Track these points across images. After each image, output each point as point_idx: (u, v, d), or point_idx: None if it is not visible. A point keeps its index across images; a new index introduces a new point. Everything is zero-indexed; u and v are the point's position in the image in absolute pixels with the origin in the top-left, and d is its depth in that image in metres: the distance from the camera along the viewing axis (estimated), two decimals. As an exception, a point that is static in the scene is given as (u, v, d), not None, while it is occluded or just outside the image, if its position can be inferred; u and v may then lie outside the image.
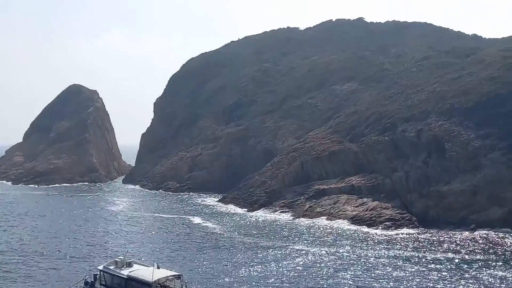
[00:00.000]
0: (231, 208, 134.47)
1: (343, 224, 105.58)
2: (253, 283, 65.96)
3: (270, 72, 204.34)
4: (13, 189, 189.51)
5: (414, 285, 63.91)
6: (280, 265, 75.12)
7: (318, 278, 67.80)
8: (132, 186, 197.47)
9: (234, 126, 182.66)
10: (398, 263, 74.94)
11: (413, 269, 71.26)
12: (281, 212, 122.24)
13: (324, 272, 70.65)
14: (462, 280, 65.55)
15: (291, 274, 69.85)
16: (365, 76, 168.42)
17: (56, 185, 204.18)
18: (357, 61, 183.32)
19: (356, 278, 67.30)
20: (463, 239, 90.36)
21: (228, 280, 67.83)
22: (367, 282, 65.54)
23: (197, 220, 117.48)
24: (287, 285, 65.12)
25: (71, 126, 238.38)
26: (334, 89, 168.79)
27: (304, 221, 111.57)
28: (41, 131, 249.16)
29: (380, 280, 66.27)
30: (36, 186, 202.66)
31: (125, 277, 53.28)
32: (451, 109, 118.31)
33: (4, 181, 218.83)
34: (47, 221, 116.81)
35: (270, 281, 66.99)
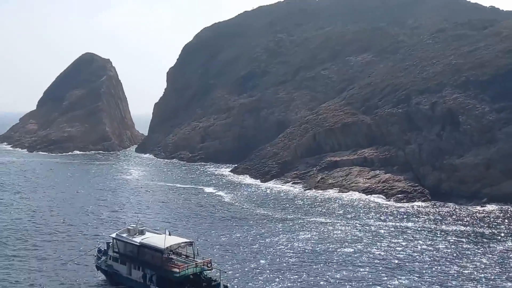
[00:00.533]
0: (243, 178, 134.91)
1: (355, 196, 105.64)
2: (263, 252, 66.46)
3: (283, 43, 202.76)
4: (28, 157, 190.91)
5: (425, 257, 64.06)
6: (290, 235, 75.51)
7: (329, 250, 68.13)
8: (145, 155, 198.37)
9: (247, 97, 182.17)
10: (410, 235, 75.07)
11: (424, 241, 71.36)
12: (292, 183, 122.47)
13: (334, 244, 70.95)
14: (473, 253, 65.62)
15: (300, 244, 70.24)
16: (380, 48, 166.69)
17: (69, 153, 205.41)
18: (372, 33, 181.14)
19: (367, 249, 67.57)
20: (475, 212, 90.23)
21: (239, 248, 68.39)
22: (378, 253, 65.79)
23: (209, 189, 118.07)
24: (297, 254, 65.54)
25: (84, 95, 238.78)
26: (348, 60, 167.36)
27: (315, 193, 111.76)
28: (54, 99, 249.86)
29: (391, 252, 66.48)
30: (50, 153, 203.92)
31: (137, 244, 53.85)
32: (467, 82, 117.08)
33: (19, 149, 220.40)
34: (61, 189, 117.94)
35: (280, 249, 67.45)
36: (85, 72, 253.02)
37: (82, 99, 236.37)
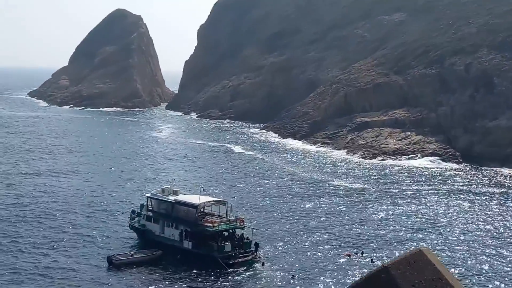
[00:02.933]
0: (273, 137, 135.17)
1: (383, 158, 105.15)
2: (293, 211, 67.07)
3: (315, 1, 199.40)
4: (60, 112, 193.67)
5: (456, 219, 63.92)
6: (320, 196, 75.89)
7: (363, 211, 68.44)
8: (175, 113, 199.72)
9: (277, 56, 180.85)
10: (440, 198, 74.85)
11: (455, 203, 71.10)
12: (322, 143, 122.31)
13: (367, 205, 71.16)
14: (505, 216, 65.26)
15: (331, 206, 70.62)
16: (414, 7, 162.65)
17: (100, 109, 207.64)
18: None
19: (395, 212, 67.63)
20: (507, 175, 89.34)
21: (270, 206, 69.14)
22: (409, 216, 65.84)
23: (238, 148, 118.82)
24: (327, 215, 65.98)
25: (115, 51, 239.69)
26: (381, 19, 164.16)
27: (344, 154, 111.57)
28: (86, 55, 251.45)
29: (421, 214, 66.47)
30: (81, 109, 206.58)
31: (172, 201, 54.85)
32: (503, 43, 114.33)
33: (51, 104, 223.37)
34: (92, 147, 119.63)
35: (311, 209, 67.96)
36: (117, 28, 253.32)
37: (113, 56, 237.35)
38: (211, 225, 51.39)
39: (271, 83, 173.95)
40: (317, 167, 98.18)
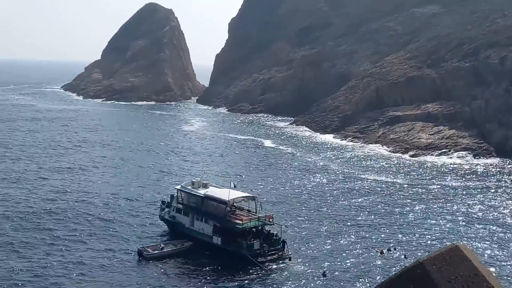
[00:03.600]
0: (303, 131, 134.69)
1: (416, 153, 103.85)
2: (323, 207, 66.71)
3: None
4: (92, 105, 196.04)
5: (491, 215, 62.83)
6: (352, 192, 75.38)
7: (389, 208, 67.78)
8: (206, 107, 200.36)
9: (308, 49, 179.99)
10: (475, 193, 73.65)
11: (490, 199, 69.93)
12: (353, 137, 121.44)
13: (395, 202, 70.47)
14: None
15: (363, 203, 70.07)
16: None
17: (132, 102, 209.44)
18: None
19: (429, 207, 66.80)
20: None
21: (299, 202, 68.89)
22: (443, 212, 64.96)
23: (269, 142, 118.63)
24: (358, 212, 65.48)
25: (146, 45, 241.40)
26: (413, 12, 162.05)
27: (375, 148, 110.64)
28: (118, 49, 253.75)
29: (456, 210, 65.50)
30: (113, 103, 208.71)
31: (201, 195, 54.95)
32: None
33: (84, 97, 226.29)
34: (126, 140, 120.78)
35: (341, 206, 67.52)
36: (148, 22, 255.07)
37: (145, 50, 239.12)
38: (241, 222, 51.28)
39: (302, 76, 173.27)
40: (348, 161, 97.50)
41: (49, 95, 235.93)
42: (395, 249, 51.56)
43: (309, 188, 76.47)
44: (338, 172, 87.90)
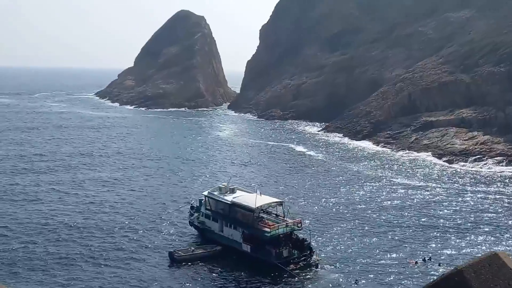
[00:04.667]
0: (334, 137, 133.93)
1: (449, 158, 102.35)
2: (354, 213, 66.08)
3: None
4: (125, 112, 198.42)
5: (525, 224, 61.52)
6: (383, 197, 74.59)
7: (423, 216, 66.83)
8: (237, 113, 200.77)
9: (339, 55, 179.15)
10: (511, 200, 72.21)
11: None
12: (385, 143, 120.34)
13: (429, 210, 69.46)
14: None
15: (391, 208, 69.24)
16: (482, 3, 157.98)
17: (164, 109, 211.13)
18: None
19: (465, 215, 65.68)
20: None
21: (329, 207, 68.37)
22: (479, 219, 63.81)
23: (300, 148, 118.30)
24: (388, 218, 64.72)
25: (178, 52, 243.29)
26: (447, 16, 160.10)
27: (408, 154, 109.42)
28: (150, 56, 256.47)
29: (493, 217, 64.27)
30: (146, 109, 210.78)
31: (229, 202, 54.85)
32: None
33: (117, 104, 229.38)
34: (157, 146, 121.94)
35: (371, 212, 66.81)
36: (180, 29, 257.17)
37: (177, 56, 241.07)
38: (269, 229, 50.91)
39: (333, 82, 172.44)
40: (380, 167, 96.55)
41: (83, 102, 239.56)
42: (430, 259, 50.33)
43: (340, 194, 75.88)
44: (370, 177, 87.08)
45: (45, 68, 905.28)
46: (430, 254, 51.59)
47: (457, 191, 78.05)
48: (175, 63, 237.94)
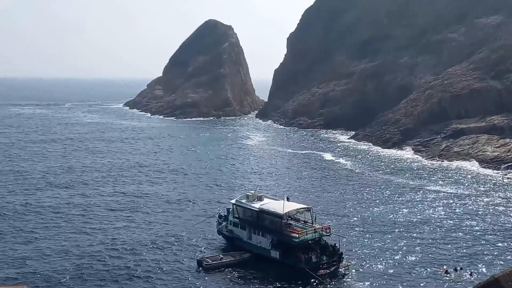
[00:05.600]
0: (363, 145, 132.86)
1: (481, 166, 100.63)
2: (383, 220, 65.29)
3: (408, 5, 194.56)
4: (155, 121, 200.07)
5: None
6: (413, 205, 73.58)
7: (454, 223, 65.72)
8: (265, 121, 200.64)
9: (368, 62, 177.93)
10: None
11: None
12: (415, 151, 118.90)
13: (460, 217, 68.28)
14: None
15: (420, 213, 68.25)
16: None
17: (193, 118, 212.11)
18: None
19: (496, 222, 64.41)
20: None
21: (358, 215, 67.65)
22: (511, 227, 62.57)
23: (328, 156, 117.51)
24: (415, 226, 63.76)
25: (207, 61, 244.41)
26: (477, 22, 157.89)
27: (439, 161, 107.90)
28: (179, 65, 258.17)
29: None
30: (175, 118, 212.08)
31: (256, 209, 54.74)
32: None
33: (146, 113, 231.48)
34: (187, 154, 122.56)
35: (400, 219, 65.91)
36: (208, 38, 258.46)
37: (205, 65, 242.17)
38: (297, 235, 50.80)
39: (362, 89, 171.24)
40: (410, 173, 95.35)
41: (113, 112, 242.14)
42: (461, 268, 49.28)
43: (369, 201, 75.09)
44: (399, 184, 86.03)
45: (64, 79, 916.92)
46: (461, 264, 50.57)
47: (489, 198, 76.53)
48: (203, 72, 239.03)
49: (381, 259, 52.31)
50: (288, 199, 56.94)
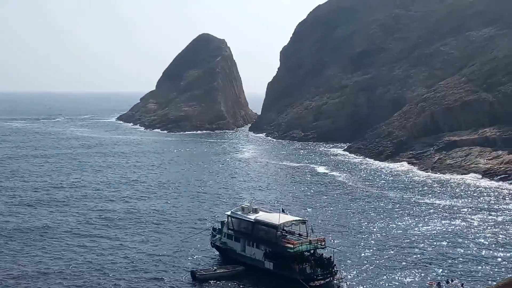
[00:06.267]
0: (357, 158, 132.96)
1: (475, 178, 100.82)
2: (376, 233, 65.18)
3: (400, 18, 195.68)
4: (148, 135, 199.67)
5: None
6: (406, 218, 73.50)
7: (446, 235, 65.65)
8: (258, 134, 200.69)
9: (361, 75, 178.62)
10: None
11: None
12: (408, 163, 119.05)
13: (453, 229, 68.25)
14: None
15: (414, 225, 68.16)
16: (505, 21, 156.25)
17: (186, 132, 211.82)
18: (496, 5, 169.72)
19: (488, 235, 64.40)
20: None
21: (352, 228, 67.53)
22: (504, 240, 62.49)
23: (322, 169, 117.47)
24: (412, 239, 63.65)
25: (200, 75, 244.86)
26: (469, 35, 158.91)
27: (432, 174, 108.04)
28: (172, 79, 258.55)
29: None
30: (168, 132, 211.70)
31: (252, 220, 54.63)
32: None
33: (139, 127, 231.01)
34: (177, 168, 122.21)
35: (393, 232, 65.81)
36: (202, 52, 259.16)
37: (198, 79, 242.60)
38: (292, 246, 50.77)
39: (355, 102, 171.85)
40: (403, 186, 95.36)
41: (106, 126, 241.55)
42: (452, 280, 48.65)
43: (363, 213, 74.96)
44: (393, 197, 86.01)
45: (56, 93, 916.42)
46: (453, 275, 50.41)
47: (481, 210, 76.58)
48: (197, 86, 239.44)
49: (374, 272, 52.15)
50: (283, 211, 56.82)
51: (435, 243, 61.29)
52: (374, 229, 66.97)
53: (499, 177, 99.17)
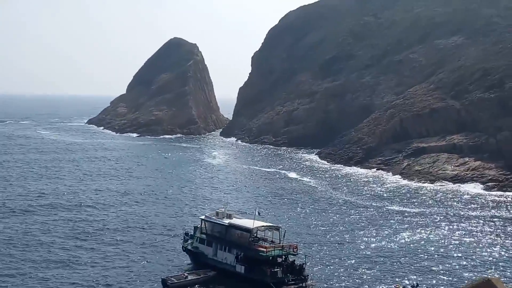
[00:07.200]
0: (327, 163, 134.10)
1: (443, 184, 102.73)
2: (347, 239, 66.04)
3: (370, 26, 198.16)
4: (118, 139, 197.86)
5: (518, 250, 61.57)
6: (375, 224, 74.54)
7: (414, 241, 66.80)
8: (229, 139, 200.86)
9: (331, 81, 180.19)
10: (503, 226, 72.29)
11: (517, 233, 68.57)
12: (377, 169, 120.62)
13: (421, 235, 69.47)
14: None
15: (386, 234, 69.23)
16: (472, 30, 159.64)
17: (157, 136, 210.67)
18: (463, 14, 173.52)
19: (456, 240, 65.71)
20: None
21: (323, 234, 68.24)
22: (470, 245, 63.83)
23: (292, 174, 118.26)
24: (381, 246, 64.64)
25: (171, 79, 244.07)
26: (437, 43, 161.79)
27: (400, 180, 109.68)
28: (143, 83, 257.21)
29: (486, 242, 64.28)
30: (138, 136, 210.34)
31: (226, 224, 54.99)
32: None
33: (109, 131, 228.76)
34: (148, 173, 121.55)
35: (364, 238, 66.76)
36: (173, 56, 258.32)
37: (169, 83, 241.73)
38: (264, 250, 51.22)
39: (325, 108, 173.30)
40: (373, 193, 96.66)
41: (76, 130, 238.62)
42: (417, 285, 49.34)
43: (333, 220, 75.78)
44: (362, 203, 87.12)
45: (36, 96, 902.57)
46: (419, 279, 51.47)
47: (450, 215, 78.11)
48: (168, 90, 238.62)
49: (344, 277, 52.90)
50: (259, 214, 57.23)
51: (403, 247, 62.42)
52: (345, 236, 67.78)
53: (465, 183, 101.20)
